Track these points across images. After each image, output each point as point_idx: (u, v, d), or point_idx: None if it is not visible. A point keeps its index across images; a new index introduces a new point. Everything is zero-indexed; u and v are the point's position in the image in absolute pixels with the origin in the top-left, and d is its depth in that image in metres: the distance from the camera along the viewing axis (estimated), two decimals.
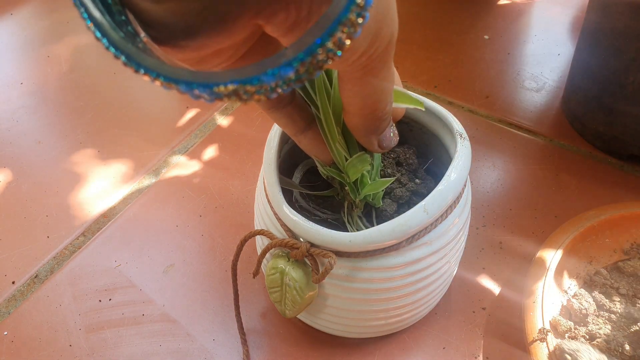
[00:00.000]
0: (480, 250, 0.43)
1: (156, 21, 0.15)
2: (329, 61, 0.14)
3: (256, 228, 0.35)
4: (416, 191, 0.35)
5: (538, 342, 0.34)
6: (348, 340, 0.38)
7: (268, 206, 0.32)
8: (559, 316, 0.36)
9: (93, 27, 0.14)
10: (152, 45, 0.16)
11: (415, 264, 0.30)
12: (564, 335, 0.35)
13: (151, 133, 0.56)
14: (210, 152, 0.54)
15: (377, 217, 0.33)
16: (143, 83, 0.62)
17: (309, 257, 0.30)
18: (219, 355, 0.38)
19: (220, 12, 0.15)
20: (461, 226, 0.32)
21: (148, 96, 0.61)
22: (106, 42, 0.14)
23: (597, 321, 0.36)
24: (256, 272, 0.33)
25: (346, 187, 0.30)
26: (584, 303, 0.36)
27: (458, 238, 0.33)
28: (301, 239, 0.30)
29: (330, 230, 0.28)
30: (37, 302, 0.42)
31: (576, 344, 0.33)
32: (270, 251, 0.32)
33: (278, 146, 0.32)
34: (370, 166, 0.28)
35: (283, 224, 0.30)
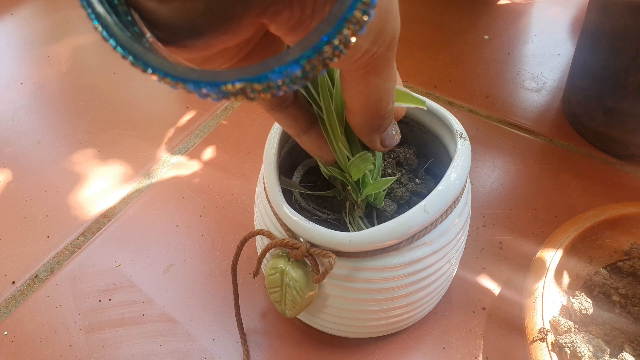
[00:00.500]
0: (480, 250, 0.43)
1: (162, 21, 0.15)
2: (335, 59, 0.14)
3: (256, 228, 0.35)
4: (416, 191, 0.35)
5: (538, 342, 0.34)
6: (348, 340, 0.38)
7: (268, 206, 0.32)
8: (559, 316, 0.36)
9: (100, 28, 0.14)
10: (158, 45, 0.16)
11: (415, 264, 0.30)
12: (564, 335, 0.35)
13: (151, 133, 0.56)
14: (210, 152, 0.54)
15: (378, 218, 0.33)
16: (143, 83, 0.62)
17: (309, 257, 0.30)
18: (219, 355, 0.38)
19: (225, 11, 0.15)
20: (461, 226, 0.32)
21: (148, 96, 0.61)
22: (114, 43, 0.14)
23: (597, 321, 0.36)
24: (256, 272, 0.33)
25: (348, 187, 0.30)
26: (584, 303, 0.36)
27: (458, 238, 0.33)
28: (301, 239, 0.30)
29: (330, 230, 0.28)
30: (37, 302, 0.42)
31: (572, 336, 0.34)
32: (270, 251, 0.32)
33: (278, 146, 0.32)
34: (372, 165, 0.28)
35: (283, 224, 0.30)
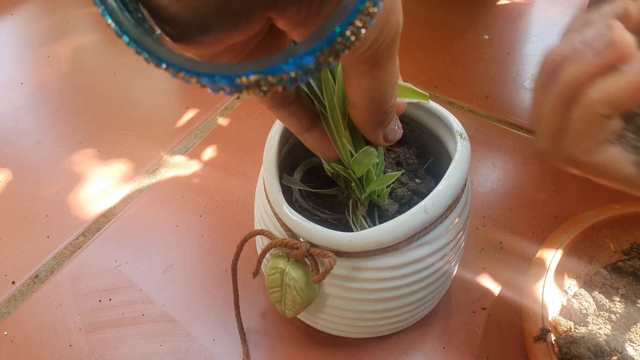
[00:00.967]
0: (480, 250, 0.43)
1: (173, 17, 0.16)
2: (346, 50, 0.14)
3: (256, 228, 0.35)
4: (416, 191, 0.35)
5: (538, 342, 0.34)
6: (348, 340, 0.38)
7: (268, 206, 0.32)
8: (559, 316, 0.36)
9: (114, 25, 0.14)
10: (167, 42, 0.16)
11: (415, 264, 0.30)
12: (564, 335, 0.35)
13: (151, 133, 0.56)
14: (210, 152, 0.54)
15: (380, 218, 0.33)
16: (143, 83, 0.62)
17: (309, 257, 0.30)
18: (219, 355, 0.38)
19: (234, 6, 0.15)
20: (461, 226, 0.32)
21: (148, 96, 0.61)
22: (127, 39, 0.14)
23: (597, 321, 0.36)
24: (256, 272, 0.33)
25: (352, 184, 0.30)
26: (584, 303, 0.36)
27: (458, 238, 0.33)
28: (301, 239, 0.30)
29: (330, 230, 0.28)
30: (37, 302, 0.42)
31: (572, 336, 0.34)
32: (270, 251, 0.32)
33: (278, 146, 0.32)
34: (376, 159, 0.28)
35: (283, 224, 0.30)
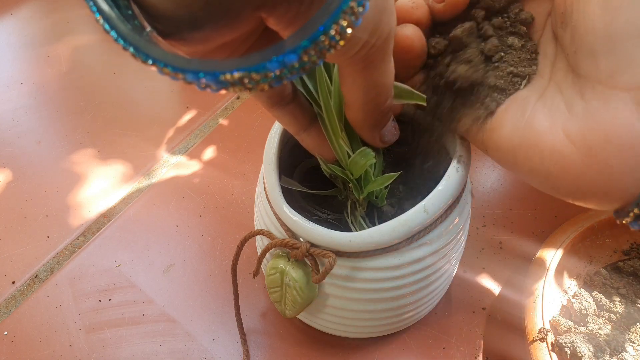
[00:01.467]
0: (480, 250, 0.43)
1: (162, 14, 0.16)
2: (331, 49, 0.14)
3: (256, 228, 0.35)
4: (416, 191, 0.35)
5: (538, 342, 0.34)
6: (348, 340, 0.38)
7: (268, 206, 0.32)
8: (559, 316, 0.36)
9: (102, 20, 0.14)
10: (157, 39, 0.16)
11: (415, 264, 0.30)
12: (564, 335, 0.35)
13: (151, 133, 0.56)
14: (210, 152, 0.54)
15: (379, 218, 0.33)
16: (143, 83, 0.62)
17: (309, 257, 0.30)
18: (219, 355, 0.38)
19: (224, 4, 0.15)
20: (461, 226, 0.32)
21: (148, 96, 0.61)
22: (115, 34, 0.14)
23: (597, 321, 0.36)
24: (256, 272, 0.33)
25: (350, 185, 0.30)
26: (584, 303, 0.36)
27: (458, 238, 0.33)
28: (301, 239, 0.30)
29: (330, 230, 0.28)
30: (37, 302, 0.42)
31: (572, 336, 0.34)
32: (270, 251, 0.32)
33: (278, 146, 0.32)
34: (374, 159, 0.28)
35: (283, 224, 0.30)
